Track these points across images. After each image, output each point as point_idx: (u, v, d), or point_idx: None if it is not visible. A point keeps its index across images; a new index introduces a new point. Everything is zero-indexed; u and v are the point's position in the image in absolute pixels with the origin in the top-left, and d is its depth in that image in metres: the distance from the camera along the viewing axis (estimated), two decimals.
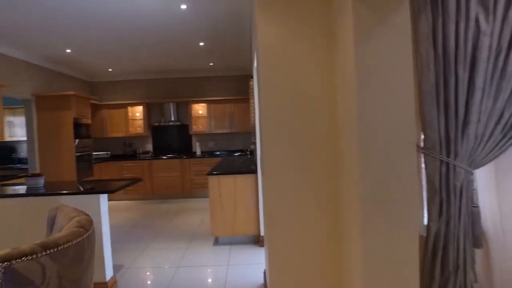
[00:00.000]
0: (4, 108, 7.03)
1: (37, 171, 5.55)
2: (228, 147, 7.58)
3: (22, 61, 5.30)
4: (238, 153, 7.31)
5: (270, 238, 2.22)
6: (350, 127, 1.88)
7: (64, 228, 1.07)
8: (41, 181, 3.13)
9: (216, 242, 4.03)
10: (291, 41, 2.15)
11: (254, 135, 4.70)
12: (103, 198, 2.77)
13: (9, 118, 7.08)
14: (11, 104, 6.60)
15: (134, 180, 3.34)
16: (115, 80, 7.48)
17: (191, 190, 6.92)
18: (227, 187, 3.81)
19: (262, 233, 3.79)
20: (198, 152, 7.31)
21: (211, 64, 6.65)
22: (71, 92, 5.53)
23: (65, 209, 1.32)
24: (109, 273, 2.85)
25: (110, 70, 6.77)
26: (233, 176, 3.80)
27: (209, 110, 7.22)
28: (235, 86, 7.50)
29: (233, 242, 3.97)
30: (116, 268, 3.34)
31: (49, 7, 3.58)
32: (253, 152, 6.98)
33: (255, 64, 3.77)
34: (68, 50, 5.22)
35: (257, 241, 3.90)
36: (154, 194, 6.97)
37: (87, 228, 1.08)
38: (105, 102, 7.22)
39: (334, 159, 2.17)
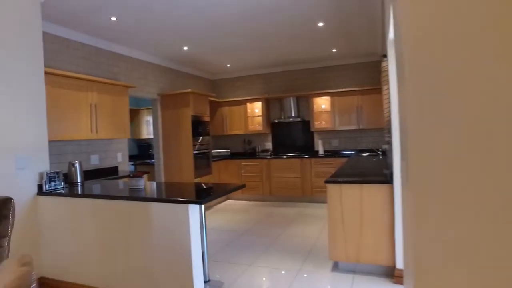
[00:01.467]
0: (143, 109, 7.74)
1: (162, 167, 5.74)
2: (355, 146, 6.54)
3: (149, 63, 5.53)
4: (367, 153, 6.21)
5: (419, 280, 1.30)
6: None
7: None
8: (141, 182, 2.90)
9: (336, 266, 3.19)
10: None
11: (389, 132, 3.65)
12: (193, 208, 2.30)
13: (147, 118, 7.75)
14: (149, 105, 7.14)
15: (236, 187, 2.81)
16: (235, 76, 7.35)
17: (312, 194, 6.19)
18: (351, 198, 2.93)
19: (399, 265, 2.77)
20: (321, 152, 6.52)
21: (334, 50, 5.76)
22: (189, 90, 5.50)
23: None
24: None
25: (228, 66, 6.62)
26: (359, 186, 2.88)
27: (332, 103, 6.34)
28: (363, 75, 6.41)
29: (357, 270, 3.06)
30: (214, 285, 2.89)
31: (166, 5, 3.44)
32: (385, 153, 5.78)
33: (390, 35, 2.77)
34: (185, 48, 5.17)
35: (391, 274, 2.89)
36: (272, 196, 6.52)
37: None
38: (224, 99, 7.15)
39: None
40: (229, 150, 7.22)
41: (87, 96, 4.01)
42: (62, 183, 3.14)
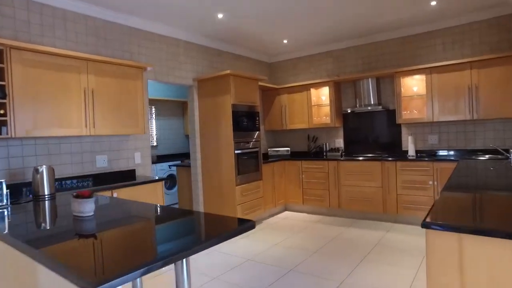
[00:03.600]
0: None
1: (199, 171, 4.64)
2: (465, 144, 4.57)
3: (179, 40, 4.44)
4: (486, 156, 4.23)
5: None
6: None
7: None
8: (87, 208, 1.73)
9: None
10: None
11: None
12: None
13: None
14: None
15: (234, 232, 1.46)
16: (296, 56, 5.89)
17: (398, 211, 4.47)
18: (487, 268, 1.33)
19: None
20: (411, 152, 4.72)
21: (433, 3, 3.93)
22: (227, 71, 4.24)
23: None
24: None
25: (285, 41, 5.20)
26: (510, 243, 1.28)
27: (429, 84, 4.49)
28: (479, 39, 4.40)
29: None
30: None
31: None
32: None
33: None
34: (220, 15, 3.93)
35: None
36: (341, 210, 4.96)
37: None
38: (283, 85, 5.75)
39: None
40: (288, 149, 5.83)
41: (80, 79, 3.04)
42: (5, 200, 2.17)
